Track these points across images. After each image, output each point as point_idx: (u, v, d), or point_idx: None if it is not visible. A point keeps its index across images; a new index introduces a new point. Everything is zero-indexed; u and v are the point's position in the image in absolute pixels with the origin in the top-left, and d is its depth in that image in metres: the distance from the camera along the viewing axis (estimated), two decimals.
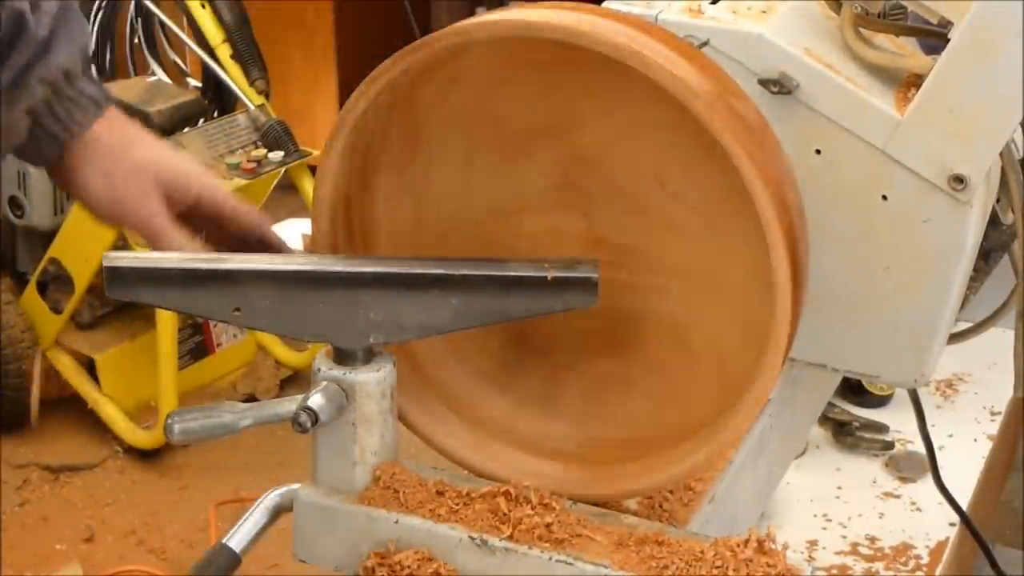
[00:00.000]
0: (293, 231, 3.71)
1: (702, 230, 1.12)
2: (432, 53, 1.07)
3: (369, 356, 1.10)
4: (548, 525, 1.08)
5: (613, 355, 1.19)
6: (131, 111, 3.00)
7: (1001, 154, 1.26)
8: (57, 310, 2.99)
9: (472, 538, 1.07)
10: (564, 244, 1.17)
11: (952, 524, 2.29)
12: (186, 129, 3.02)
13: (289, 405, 1.09)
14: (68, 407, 3.05)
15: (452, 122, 1.15)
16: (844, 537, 2.35)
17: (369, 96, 1.09)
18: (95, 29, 3.32)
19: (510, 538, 1.07)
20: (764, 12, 1.25)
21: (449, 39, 1.06)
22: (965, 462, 2.44)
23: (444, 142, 1.17)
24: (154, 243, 1.15)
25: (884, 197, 1.22)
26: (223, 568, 1.15)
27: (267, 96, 3.06)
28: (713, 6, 1.26)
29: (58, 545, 2.73)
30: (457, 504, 1.10)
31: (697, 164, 1.10)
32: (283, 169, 2.98)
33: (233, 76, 3.01)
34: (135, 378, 3.02)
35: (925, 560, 2.29)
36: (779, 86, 1.21)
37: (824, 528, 2.37)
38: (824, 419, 2.60)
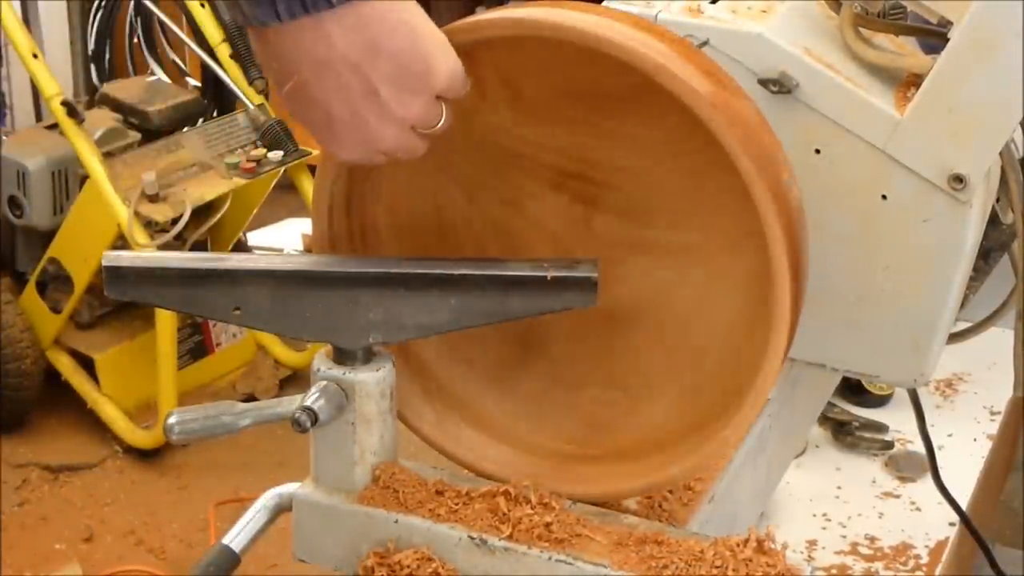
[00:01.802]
0: (293, 231, 3.71)
1: (702, 229, 1.12)
2: None
3: (368, 356, 1.10)
4: (548, 525, 1.08)
5: (615, 354, 1.19)
6: (131, 111, 3.01)
7: (1001, 154, 1.26)
8: (56, 310, 2.99)
9: (472, 538, 1.07)
10: (566, 245, 1.17)
11: (952, 524, 2.30)
12: (185, 129, 3.03)
13: (288, 405, 1.09)
14: (68, 407, 3.05)
15: (444, 133, 1.15)
16: (844, 537, 2.36)
17: None
18: (95, 29, 3.33)
19: (509, 538, 1.07)
20: (764, 12, 1.25)
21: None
22: (965, 462, 2.45)
23: (437, 150, 1.17)
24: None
25: (884, 197, 1.22)
26: (223, 568, 1.15)
27: (266, 96, 3.06)
28: (713, 6, 1.26)
29: (57, 545, 2.73)
30: (457, 504, 1.10)
31: (696, 163, 1.10)
32: (282, 169, 2.98)
33: (232, 76, 3.01)
34: (135, 378, 3.02)
35: (925, 560, 2.29)
36: (779, 86, 1.21)
37: (824, 528, 2.38)
38: (824, 419, 2.61)
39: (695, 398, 1.15)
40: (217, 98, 3.19)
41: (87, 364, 3.03)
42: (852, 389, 2.71)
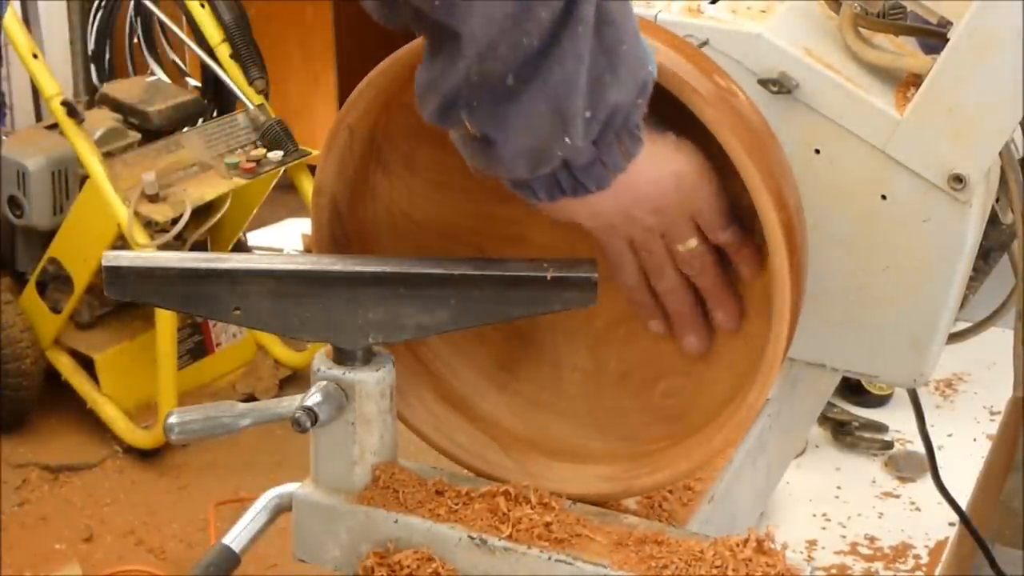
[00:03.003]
0: (293, 231, 3.72)
1: None
2: (399, 72, 1.07)
3: (368, 356, 1.10)
4: (547, 525, 1.08)
5: (629, 351, 1.18)
6: (131, 111, 3.01)
7: (1001, 154, 1.26)
8: (56, 310, 2.99)
9: (471, 538, 1.07)
10: (566, 249, 1.17)
11: (951, 524, 2.30)
12: (185, 129, 3.03)
13: (288, 405, 1.09)
14: (68, 407, 3.05)
15: (431, 135, 1.15)
16: (843, 537, 2.36)
17: (359, 107, 1.10)
18: (95, 29, 3.33)
19: (509, 538, 1.07)
20: (764, 12, 1.25)
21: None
22: (965, 462, 2.45)
23: (430, 151, 1.17)
24: None
25: (884, 197, 1.22)
26: (223, 568, 1.15)
27: (266, 96, 3.06)
28: (712, 6, 1.26)
29: (57, 545, 2.73)
30: (456, 504, 1.10)
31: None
32: (282, 169, 2.98)
33: (232, 76, 3.01)
34: (134, 378, 3.02)
35: (924, 560, 2.29)
36: (779, 86, 1.21)
37: (823, 528, 2.38)
38: (824, 419, 2.61)
39: (695, 397, 1.15)
40: (217, 98, 3.19)
41: (87, 364, 3.03)
42: (852, 389, 2.71)
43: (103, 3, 3.32)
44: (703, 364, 1.15)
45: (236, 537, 1.16)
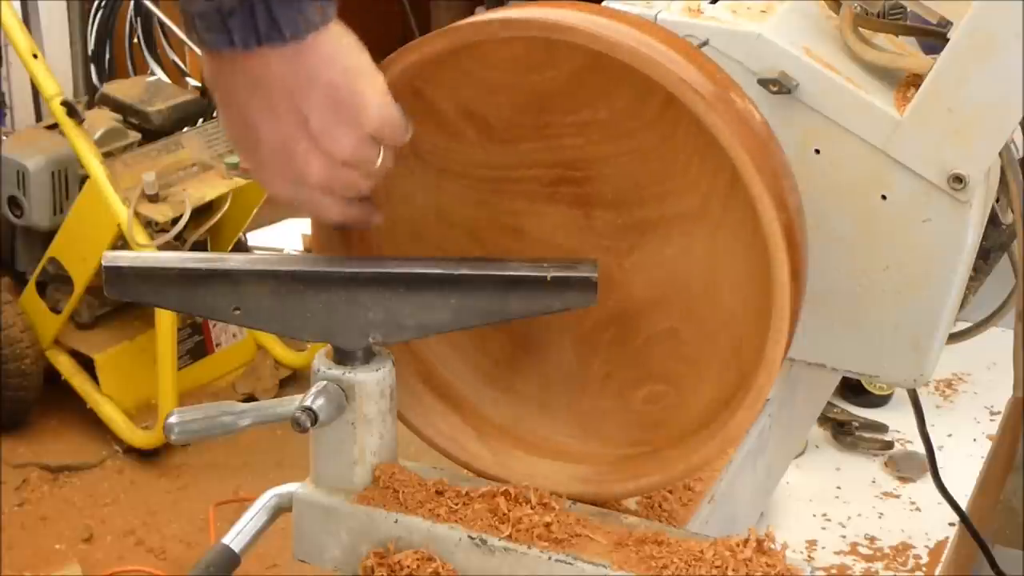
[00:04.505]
0: (293, 231, 3.71)
1: (687, 191, 1.11)
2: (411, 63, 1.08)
3: (368, 356, 1.10)
4: (547, 525, 1.08)
5: (614, 354, 1.19)
6: (131, 111, 3.01)
7: (1001, 154, 1.26)
8: (56, 310, 2.99)
9: (471, 538, 1.08)
10: (564, 245, 1.17)
11: (951, 524, 2.30)
12: (185, 129, 3.03)
13: (288, 405, 1.09)
14: (68, 407, 3.05)
15: (433, 119, 1.15)
16: (843, 537, 2.36)
17: None
18: (94, 29, 3.33)
19: (509, 538, 1.07)
20: (763, 12, 1.25)
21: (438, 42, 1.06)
22: (965, 462, 2.45)
23: (432, 137, 1.17)
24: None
25: (884, 197, 1.22)
26: (223, 568, 1.15)
27: None
28: (712, 6, 1.26)
29: (57, 545, 2.73)
30: (456, 504, 1.10)
31: (695, 163, 1.10)
32: None
33: None
34: (134, 378, 3.02)
35: (924, 560, 2.29)
36: (778, 86, 1.21)
37: (823, 528, 2.38)
38: (824, 419, 2.61)
39: (696, 398, 1.15)
40: None
41: (87, 364, 3.03)
42: (852, 389, 2.71)
43: (103, 3, 3.32)
44: (689, 374, 1.15)
45: (236, 537, 1.16)
